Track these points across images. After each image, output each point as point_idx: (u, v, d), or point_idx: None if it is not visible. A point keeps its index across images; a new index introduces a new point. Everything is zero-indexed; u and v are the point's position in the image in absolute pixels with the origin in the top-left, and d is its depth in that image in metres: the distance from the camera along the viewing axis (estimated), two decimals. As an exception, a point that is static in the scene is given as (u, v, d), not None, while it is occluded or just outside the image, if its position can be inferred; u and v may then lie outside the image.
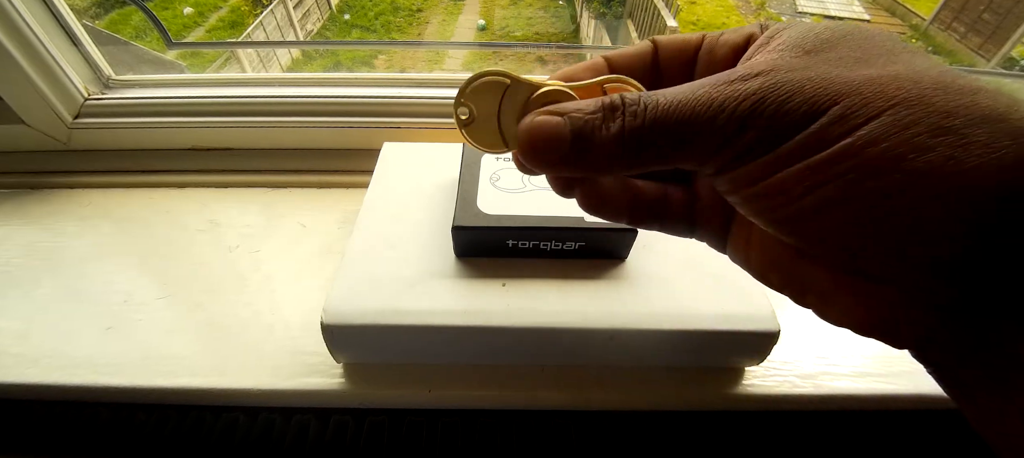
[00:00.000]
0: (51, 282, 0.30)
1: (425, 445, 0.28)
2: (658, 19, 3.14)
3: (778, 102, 0.13)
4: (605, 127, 0.15)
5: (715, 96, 0.14)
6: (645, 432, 0.29)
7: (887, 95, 0.12)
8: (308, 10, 3.81)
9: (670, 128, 0.14)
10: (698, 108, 0.14)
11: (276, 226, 0.34)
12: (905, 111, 0.11)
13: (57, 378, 0.26)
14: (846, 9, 4.45)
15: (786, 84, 0.13)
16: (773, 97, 0.13)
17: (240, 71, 1.44)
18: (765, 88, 0.13)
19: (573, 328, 0.24)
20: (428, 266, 0.26)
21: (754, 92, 0.13)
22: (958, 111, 0.11)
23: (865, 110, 0.12)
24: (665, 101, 0.14)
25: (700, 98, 0.14)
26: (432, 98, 0.38)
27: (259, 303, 0.29)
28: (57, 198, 0.37)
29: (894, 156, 0.11)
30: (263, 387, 0.26)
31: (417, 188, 0.31)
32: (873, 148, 0.11)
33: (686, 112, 0.14)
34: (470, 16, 4.78)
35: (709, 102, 0.14)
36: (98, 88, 0.40)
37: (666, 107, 0.14)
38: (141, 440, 0.28)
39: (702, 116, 0.14)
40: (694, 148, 0.14)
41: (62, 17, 0.36)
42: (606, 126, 0.15)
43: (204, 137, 0.39)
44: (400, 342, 0.25)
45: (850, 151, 0.12)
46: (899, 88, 0.12)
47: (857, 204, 0.12)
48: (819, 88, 0.13)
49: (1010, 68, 1.58)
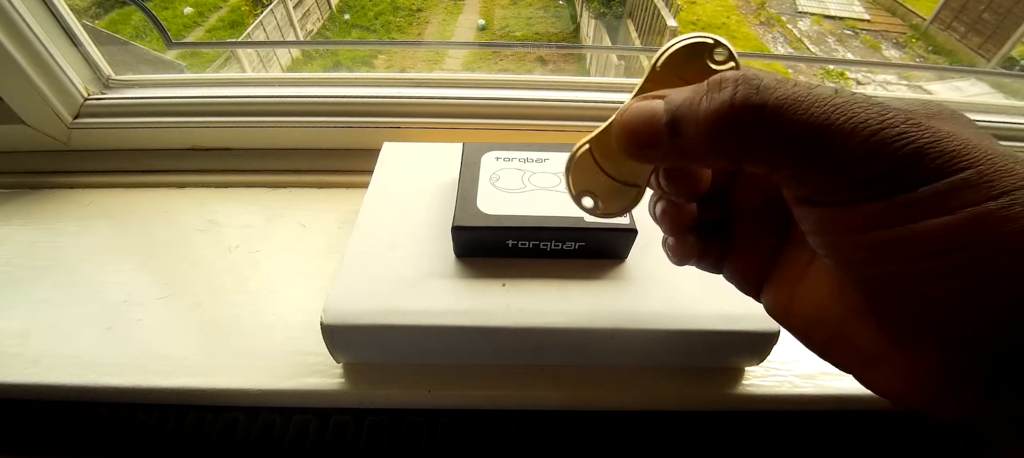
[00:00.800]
0: (51, 282, 0.30)
1: (425, 445, 0.28)
2: (658, 19, 3.14)
3: (924, 142, 0.12)
4: (707, 98, 0.14)
5: (857, 110, 0.12)
6: (645, 432, 0.29)
7: (1017, 174, 0.11)
8: (308, 10, 3.81)
9: (789, 121, 0.12)
10: (833, 114, 0.12)
11: (276, 226, 0.34)
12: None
13: (57, 378, 0.26)
14: (846, 9, 4.44)
15: (931, 129, 0.12)
16: (919, 136, 0.12)
17: (240, 71, 1.44)
18: (912, 125, 0.12)
19: (573, 328, 0.24)
20: (428, 266, 0.26)
21: (902, 122, 0.12)
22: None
23: (998, 183, 0.11)
24: (795, 92, 0.13)
25: (841, 105, 0.12)
26: (432, 98, 0.38)
27: (259, 303, 0.29)
28: (57, 198, 0.37)
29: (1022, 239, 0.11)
30: (263, 387, 0.26)
31: (417, 188, 0.31)
32: (1012, 224, 0.11)
33: (818, 112, 0.12)
34: (470, 16, 4.78)
35: (848, 113, 0.12)
36: (98, 88, 0.40)
37: (796, 97, 0.12)
38: (141, 440, 0.28)
39: (835, 124, 0.12)
40: (810, 156, 0.13)
41: (62, 17, 0.36)
42: (709, 96, 0.14)
43: (204, 137, 0.39)
44: (400, 342, 0.25)
45: (986, 220, 0.11)
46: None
47: (975, 279, 0.11)
48: (959, 146, 0.12)
49: (1010, 68, 1.58)
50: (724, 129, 0.13)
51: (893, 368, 0.14)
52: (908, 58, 3.91)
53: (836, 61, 4.78)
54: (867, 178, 0.12)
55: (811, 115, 0.12)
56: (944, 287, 0.12)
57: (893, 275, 0.13)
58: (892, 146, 0.12)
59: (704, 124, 0.14)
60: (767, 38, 4.27)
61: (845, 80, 3.04)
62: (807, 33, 4.27)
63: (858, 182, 0.12)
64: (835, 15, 4.41)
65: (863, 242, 0.13)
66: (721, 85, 0.13)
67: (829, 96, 0.12)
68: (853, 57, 4.21)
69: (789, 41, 4.24)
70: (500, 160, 0.29)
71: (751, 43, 4.23)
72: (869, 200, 0.12)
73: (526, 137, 0.38)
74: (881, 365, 0.14)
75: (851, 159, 0.12)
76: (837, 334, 0.15)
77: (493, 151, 0.29)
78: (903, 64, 3.12)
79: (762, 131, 0.13)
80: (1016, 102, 0.44)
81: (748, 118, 0.13)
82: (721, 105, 0.13)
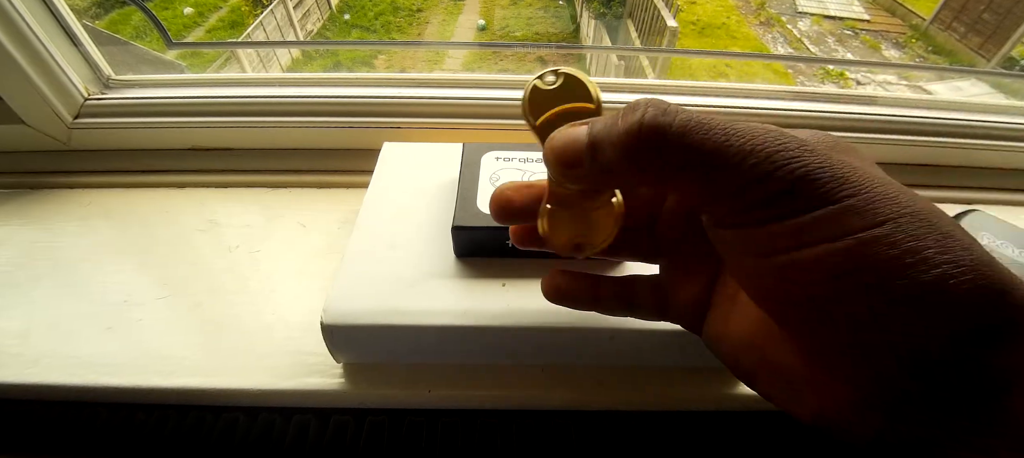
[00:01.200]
0: (51, 282, 0.30)
1: (425, 445, 0.28)
2: (658, 19, 3.15)
3: (813, 167, 0.13)
4: (622, 120, 0.14)
5: (755, 134, 0.13)
6: (645, 432, 0.29)
7: (899, 202, 0.12)
8: (308, 10, 3.81)
9: (692, 141, 0.13)
10: (732, 136, 0.13)
11: (276, 226, 0.34)
12: (916, 223, 0.12)
13: (57, 378, 0.26)
14: (846, 9, 4.45)
15: (821, 155, 0.13)
16: (810, 161, 0.13)
17: (240, 71, 1.44)
18: (805, 150, 0.13)
19: (573, 328, 0.24)
20: (428, 266, 0.26)
21: (795, 148, 0.13)
22: (954, 233, 0.12)
23: (881, 210, 0.12)
24: (699, 116, 0.14)
25: (740, 130, 0.13)
26: (432, 98, 0.38)
27: (259, 303, 0.29)
28: (57, 198, 0.37)
29: (904, 264, 0.12)
30: (263, 387, 0.26)
31: (417, 188, 0.31)
32: (890, 250, 0.12)
33: (718, 134, 0.13)
34: (470, 16, 4.79)
35: (746, 136, 0.13)
36: (98, 88, 0.40)
37: (700, 121, 0.14)
38: (141, 440, 0.28)
39: (734, 146, 0.13)
40: (711, 176, 0.14)
41: (62, 17, 0.36)
42: (623, 118, 0.14)
43: (204, 137, 0.39)
44: (400, 342, 0.25)
45: (870, 246, 0.12)
46: (907, 199, 0.13)
47: (870, 302, 0.12)
48: (847, 172, 0.13)
49: (1010, 68, 1.58)
50: (635, 148, 0.14)
51: (811, 391, 0.15)
52: (908, 58, 3.92)
53: (836, 61, 4.78)
54: (762, 198, 0.13)
55: (712, 136, 0.13)
56: (845, 309, 0.13)
57: (799, 298, 0.13)
58: (785, 168, 0.13)
59: (619, 143, 0.15)
60: (767, 38, 4.27)
61: (845, 80, 3.04)
62: (807, 33, 4.28)
63: (754, 202, 0.13)
64: (835, 15, 4.41)
65: (769, 266, 0.14)
66: (634, 109, 0.14)
67: (730, 121, 0.14)
68: (853, 57, 4.21)
69: (789, 41, 4.24)
70: (500, 160, 0.29)
71: (751, 43, 4.23)
72: (766, 222, 0.13)
73: (526, 137, 0.38)
74: (800, 389, 0.15)
75: (746, 179, 0.13)
76: (762, 360, 0.16)
77: (493, 151, 0.29)
78: (903, 64, 3.12)
79: (668, 151, 0.14)
80: (1016, 102, 0.44)
81: (655, 137, 0.14)
82: (631, 125, 0.14)
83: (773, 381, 0.16)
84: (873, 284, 0.12)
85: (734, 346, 0.17)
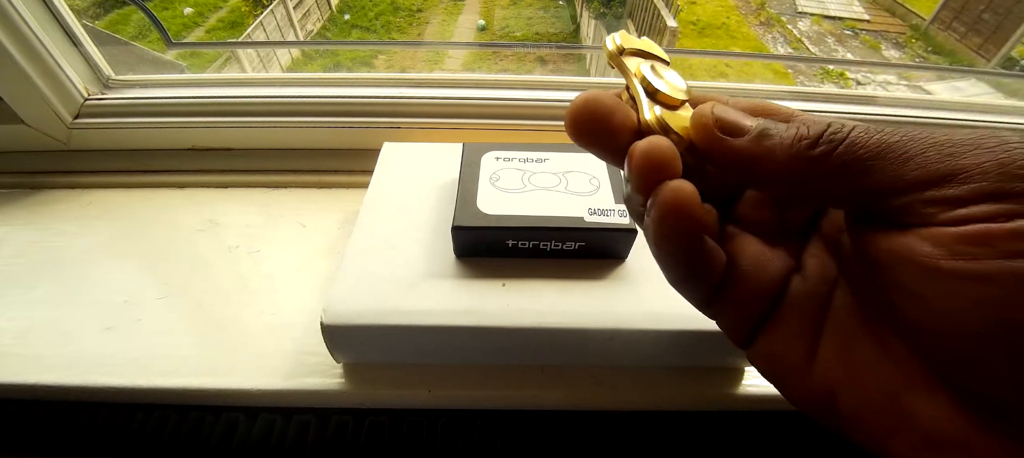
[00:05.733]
0: (51, 282, 0.30)
1: (425, 445, 0.28)
2: (658, 19, 3.15)
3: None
4: (800, 123, 0.13)
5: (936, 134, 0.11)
6: (645, 432, 0.29)
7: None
8: (308, 10, 3.81)
9: (875, 139, 0.12)
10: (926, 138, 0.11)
11: (276, 226, 0.34)
12: None
13: (57, 378, 0.26)
14: (846, 9, 4.45)
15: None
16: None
17: (240, 71, 1.44)
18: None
19: (573, 328, 0.24)
20: (428, 266, 0.26)
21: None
22: None
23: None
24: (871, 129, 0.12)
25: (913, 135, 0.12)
26: (432, 98, 0.38)
27: (259, 303, 0.29)
28: (57, 198, 0.37)
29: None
30: (263, 387, 0.26)
31: (417, 188, 0.31)
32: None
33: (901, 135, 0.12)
34: (470, 16, 4.79)
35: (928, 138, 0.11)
36: (98, 88, 0.40)
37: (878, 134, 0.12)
38: (141, 440, 0.28)
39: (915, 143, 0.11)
40: (902, 164, 0.12)
41: (62, 17, 0.36)
42: (800, 130, 0.13)
43: (204, 137, 0.39)
44: (400, 342, 0.25)
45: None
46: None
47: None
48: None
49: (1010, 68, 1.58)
50: (808, 146, 0.13)
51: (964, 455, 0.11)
52: (908, 58, 3.92)
53: (836, 61, 4.78)
54: (992, 190, 0.10)
55: (897, 137, 0.12)
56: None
57: (1001, 325, 0.10)
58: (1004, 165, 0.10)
59: (790, 140, 0.13)
60: (767, 38, 4.28)
61: (845, 80, 3.04)
62: (807, 33, 4.28)
63: (971, 195, 0.11)
64: (835, 15, 4.41)
65: (963, 283, 0.10)
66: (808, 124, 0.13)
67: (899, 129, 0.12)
68: (853, 57, 4.21)
69: (789, 41, 4.24)
70: (500, 160, 0.29)
71: (751, 43, 4.23)
72: (983, 221, 0.10)
73: (526, 137, 0.38)
74: (944, 452, 0.12)
75: (962, 167, 0.11)
76: (893, 409, 0.12)
77: (493, 151, 0.29)
78: (903, 64, 3.12)
79: (846, 150, 0.12)
80: (1016, 102, 0.44)
81: (834, 140, 0.12)
82: (813, 124, 0.13)
83: (895, 434, 0.12)
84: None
85: (828, 380, 0.14)
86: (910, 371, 0.12)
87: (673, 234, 0.14)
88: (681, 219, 0.14)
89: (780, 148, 0.13)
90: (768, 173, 0.13)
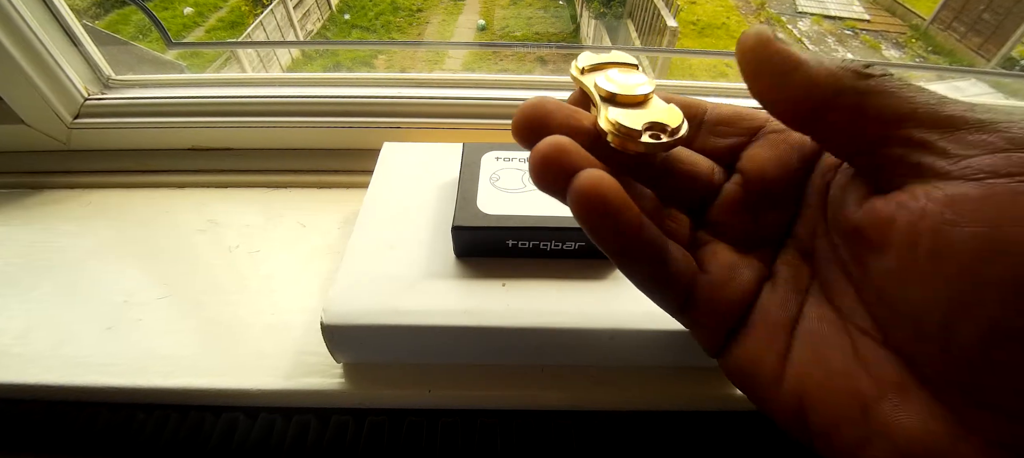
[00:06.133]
0: (51, 282, 0.30)
1: (425, 445, 0.28)
2: (658, 19, 3.15)
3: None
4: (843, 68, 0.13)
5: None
6: (645, 432, 0.29)
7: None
8: (308, 10, 3.81)
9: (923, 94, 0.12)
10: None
11: (276, 226, 0.34)
12: None
13: (57, 378, 0.26)
14: (846, 9, 4.45)
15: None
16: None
17: (240, 71, 1.44)
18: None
19: (573, 328, 0.24)
20: (428, 266, 0.26)
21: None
22: None
23: None
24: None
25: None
26: (432, 98, 0.38)
27: (259, 303, 0.29)
28: (57, 198, 0.37)
29: None
30: (263, 387, 0.26)
31: (417, 188, 0.31)
32: None
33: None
34: (470, 16, 4.79)
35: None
36: (98, 88, 0.40)
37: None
38: (141, 440, 0.28)
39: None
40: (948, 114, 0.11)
41: (62, 17, 0.36)
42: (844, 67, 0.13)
43: (204, 137, 0.39)
44: (400, 342, 0.25)
45: None
46: None
47: None
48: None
49: (1010, 68, 1.58)
50: (859, 65, 0.13)
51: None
52: (908, 58, 3.92)
53: (836, 61, 4.76)
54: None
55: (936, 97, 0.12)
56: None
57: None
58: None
59: (833, 73, 0.13)
60: (767, 38, 4.26)
61: (845, 80, 3.03)
62: (807, 33, 4.28)
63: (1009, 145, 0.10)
64: (835, 15, 4.41)
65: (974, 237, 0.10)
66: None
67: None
68: (853, 57, 4.21)
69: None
70: (500, 160, 0.29)
71: (751, 43, 4.22)
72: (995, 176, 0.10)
73: (526, 137, 0.38)
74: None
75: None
76: (851, 414, 0.12)
77: (493, 151, 0.29)
78: (903, 64, 3.12)
79: (894, 81, 0.12)
80: (1016, 102, 0.44)
81: (878, 84, 0.12)
82: (857, 65, 0.13)
83: (867, 445, 0.12)
84: None
85: (800, 390, 0.13)
86: (883, 380, 0.12)
87: (597, 225, 0.14)
88: (594, 204, 0.14)
89: (828, 60, 0.13)
90: (809, 78, 0.13)
